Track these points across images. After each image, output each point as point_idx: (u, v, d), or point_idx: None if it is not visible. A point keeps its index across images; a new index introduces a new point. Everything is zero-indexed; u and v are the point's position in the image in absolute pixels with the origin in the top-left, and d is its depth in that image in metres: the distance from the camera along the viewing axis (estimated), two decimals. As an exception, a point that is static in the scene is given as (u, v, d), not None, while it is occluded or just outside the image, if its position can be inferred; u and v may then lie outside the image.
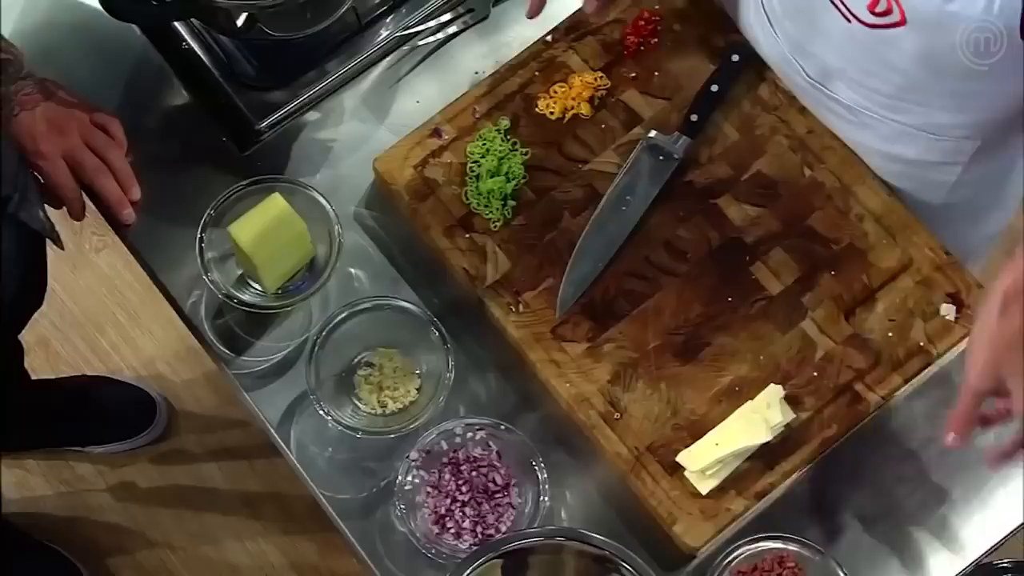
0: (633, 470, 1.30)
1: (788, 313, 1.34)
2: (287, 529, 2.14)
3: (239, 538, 2.15)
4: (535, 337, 1.34)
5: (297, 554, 2.13)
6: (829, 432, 1.30)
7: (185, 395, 2.22)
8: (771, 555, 1.26)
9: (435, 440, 1.31)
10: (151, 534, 2.15)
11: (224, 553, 2.14)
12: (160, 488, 2.18)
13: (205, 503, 2.17)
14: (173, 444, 2.20)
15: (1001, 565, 1.51)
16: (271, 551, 2.14)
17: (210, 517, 2.16)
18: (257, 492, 2.17)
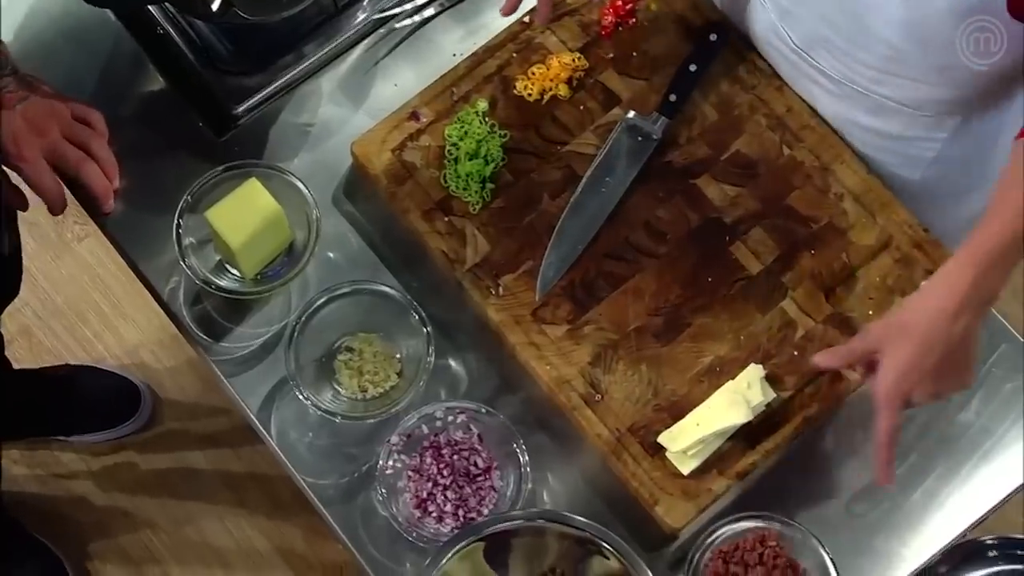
0: (614, 452, 1.29)
1: (768, 293, 1.34)
2: (272, 515, 2.14)
3: (224, 524, 2.15)
4: (515, 320, 1.33)
5: (282, 539, 2.13)
6: (810, 411, 1.30)
7: (169, 382, 2.21)
8: (752, 534, 1.26)
9: (416, 424, 1.30)
10: (135, 521, 2.14)
11: (209, 539, 2.13)
12: (144, 475, 2.17)
13: (189, 489, 2.16)
14: (157, 431, 2.19)
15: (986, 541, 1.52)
16: (256, 537, 2.13)
17: (195, 503, 2.15)
18: (241, 478, 2.16)
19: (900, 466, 1.32)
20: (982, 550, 1.53)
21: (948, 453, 1.33)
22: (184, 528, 2.14)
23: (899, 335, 1.14)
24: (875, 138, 1.37)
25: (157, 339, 2.22)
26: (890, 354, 1.14)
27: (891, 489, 1.24)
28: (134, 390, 2.15)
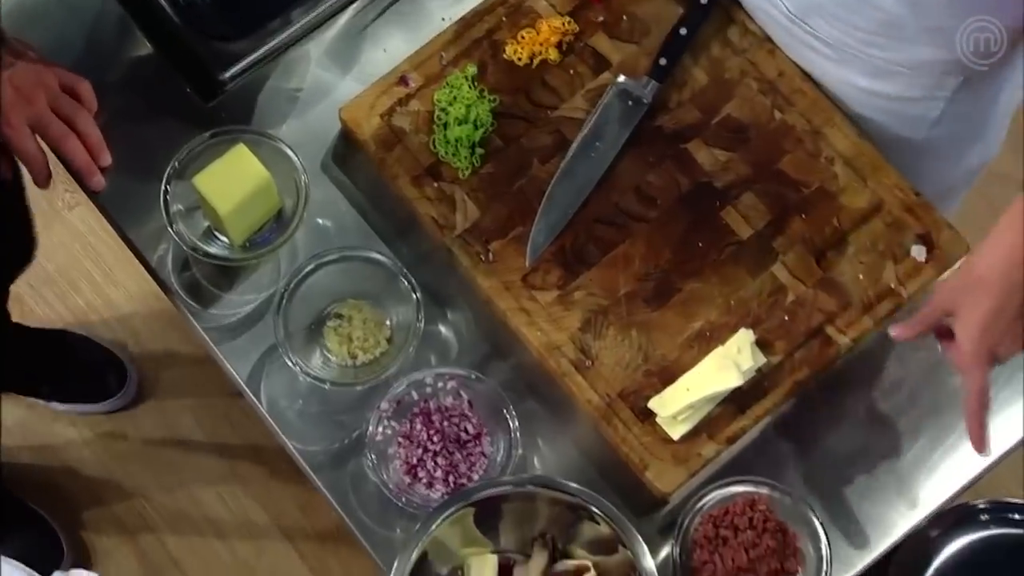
0: (605, 417, 1.29)
1: (759, 257, 1.33)
2: (266, 484, 2.14)
3: (218, 493, 2.15)
4: (505, 286, 1.33)
5: (277, 508, 2.13)
6: (800, 375, 1.30)
7: (160, 350, 2.20)
8: (742, 498, 1.26)
9: (405, 390, 1.30)
10: (129, 490, 2.15)
11: (203, 508, 2.14)
12: (137, 444, 2.17)
13: (183, 459, 2.16)
14: (149, 401, 2.19)
15: (978, 505, 1.52)
16: (251, 505, 2.14)
17: (189, 473, 2.15)
18: (235, 447, 2.16)
19: (889, 431, 1.32)
20: (974, 514, 1.53)
21: (938, 418, 1.33)
22: (178, 497, 2.15)
23: (974, 290, 1.11)
24: (875, 100, 1.36)
25: (148, 307, 2.21)
26: (967, 312, 1.11)
27: (987, 454, 1.19)
28: (121, 367, 2.15)
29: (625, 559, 1.21)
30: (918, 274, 1.32)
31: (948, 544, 1.52)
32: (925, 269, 1.32)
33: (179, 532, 2.13)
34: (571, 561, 1.27)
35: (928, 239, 1.32)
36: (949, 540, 1.52)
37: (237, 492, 2.14)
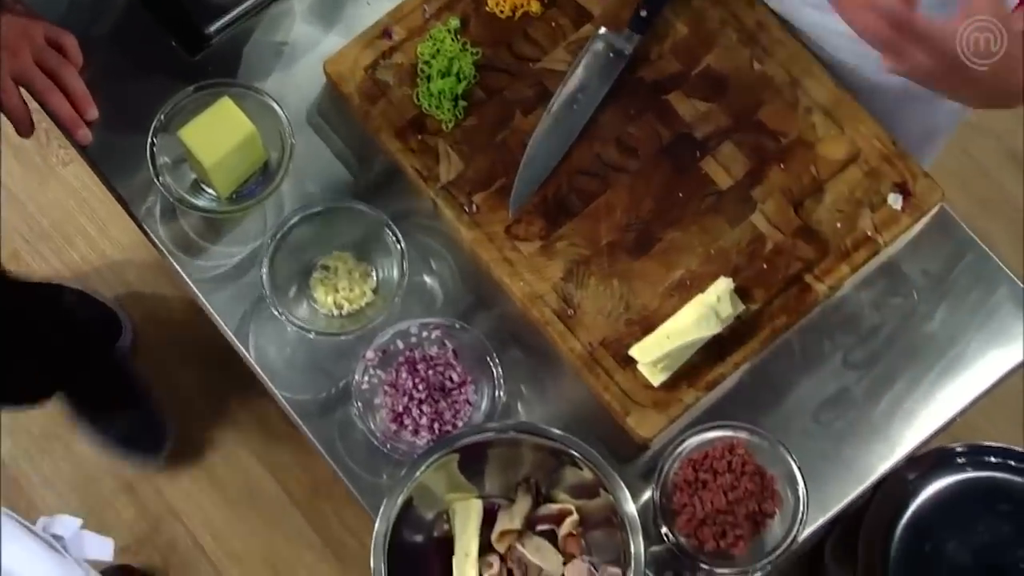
0: (587, 365, 1.30)
1: (738, 207, 1.34)
2: (260, 434, 2.16)
3: (214, 445, 2.16)
4: (488, 237, 1.33)
5: (271, 457, 2.15)
6: (778, 323, 1.30)
7: (154, 302, 2.21)
8: (721, 443, 1.27)
9: (391, 340, 1.31)
10: (127, 443, 2.16)
11: (199, 457, 2.15)
12: (135, 396, 2.19)
13: (177, 408, 2.17)
14: (144, 354, 2.20)
15: (955, 449, 1.54)
16: (245, 455, 2.15)
17: (183, 421, 2.17)
18: (228, 395, 2.17)
19: (867, 375, 1.33)
20: (950, 457, 1.54)
21: (913, 362, 1.34)
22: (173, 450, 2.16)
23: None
24: (853, 45, 1.35)
25: (143, 261, 2.22)
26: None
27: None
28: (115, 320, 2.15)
29: (606, 503, 1.23)
30: (895, 222, 1.32)
31: (925, 487, 1.53)
32: (902, 217, 1.32)
33: (175, 481, 2.14)
34: (554, 505, 1.29)
35: (905, 187, 1.33)
36: (926, 483, 1.53)
37: (232, 440, 2.16)
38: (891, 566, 1.51)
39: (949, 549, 1.50)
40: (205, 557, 2.11)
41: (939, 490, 1.53)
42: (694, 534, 1.25)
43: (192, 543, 2.11)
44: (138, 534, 2.11)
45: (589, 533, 1.28)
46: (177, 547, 2.11)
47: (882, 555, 1.52)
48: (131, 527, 2.12)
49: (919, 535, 1.51)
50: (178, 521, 2.12)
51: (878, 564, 1.53)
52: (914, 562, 1.51)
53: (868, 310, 1.35)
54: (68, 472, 2.14)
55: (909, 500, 1.52)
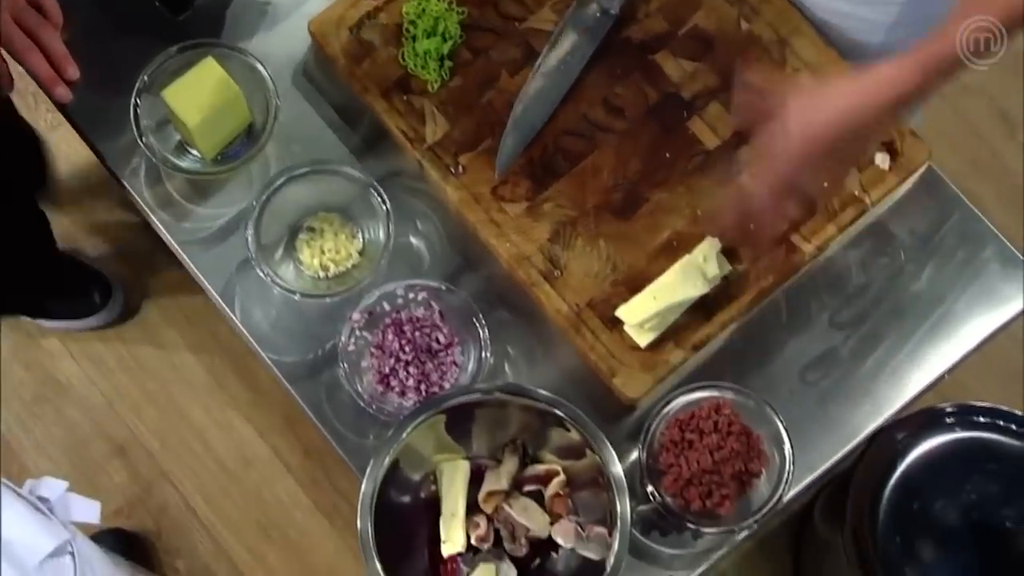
0: (573, 326, 1.30)
1: (725, 167, 1.33)
2: (252, 398, 2.15)
3: (206, 407, 2.16)
4: (475, 198, 1.33)
5: (263, 421, 2.15)
6: (765, 283, 1.30)
7: (146, 269, 2.20)
8: (707, 403, 1.27)
9: (377, 302, 1.30)
10: (117, 404, 2.16)
11: (191, 421, 2.15)
12: (125, 359, 2.18)
13: (170, 373, 2.17)
14: (135, 315, 2.20)
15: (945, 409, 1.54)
16: (237, 419, 2.15)
17: (176, 386, 2.17)
18: (221, 360, 2.17)
19: (853, 335, 1.33)
20: (939, 417, 1.54)
21: (900, 322, 1.34)
22: (166, 411, 2.16)
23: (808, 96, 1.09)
24: (835, 4, 1.35)
25: (134, 225, 2.21)
26: (789, 111, 1.09)
27: None
28: (106, 283, 2.15)
29: (593, 463, 1.23)
30: (882, 181, 1.32)
31: (914, 447, 1.53)
32: (888, 177, 1.32)
33: (168, 445, 2.14)
34: (541, 466, 1.29)
35: (892, 147, 1.32)
36: (915, 443, 1.53)
37: (224, 405, 2.16)
38: (880, 526, 1.51)
39: (937, 508, 1.51)
40: (197, 520, 2.11)
41: (928, 450, 1.53)
42: (680, 494, 1.25)
43: (184, 506, 2.12)
44: (130, 497, 2.11)
45: (576, 493, 1.28)
46: (169, 510, 2.11)
47: (870, 514, 1.53)
48: (123, 491, 2.12)
49: (908, 495, 1.52)
50: (170, 484, 2.13)
51: (866, 523, 1.53)
52: (902, 521, 1.51)
53: (855, 270, 1.34)
54: (60, 436, 2.14)
55: (898, 460, 1.52)
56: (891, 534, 1.51)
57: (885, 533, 1.51)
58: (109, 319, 2.17)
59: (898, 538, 1.51)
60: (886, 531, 1.51)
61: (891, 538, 1.51)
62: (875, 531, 1.52)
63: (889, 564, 1.51)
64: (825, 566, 1.86)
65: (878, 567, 1.51)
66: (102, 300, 2.15)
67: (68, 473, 2.10)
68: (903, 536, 1.51)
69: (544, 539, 1.27)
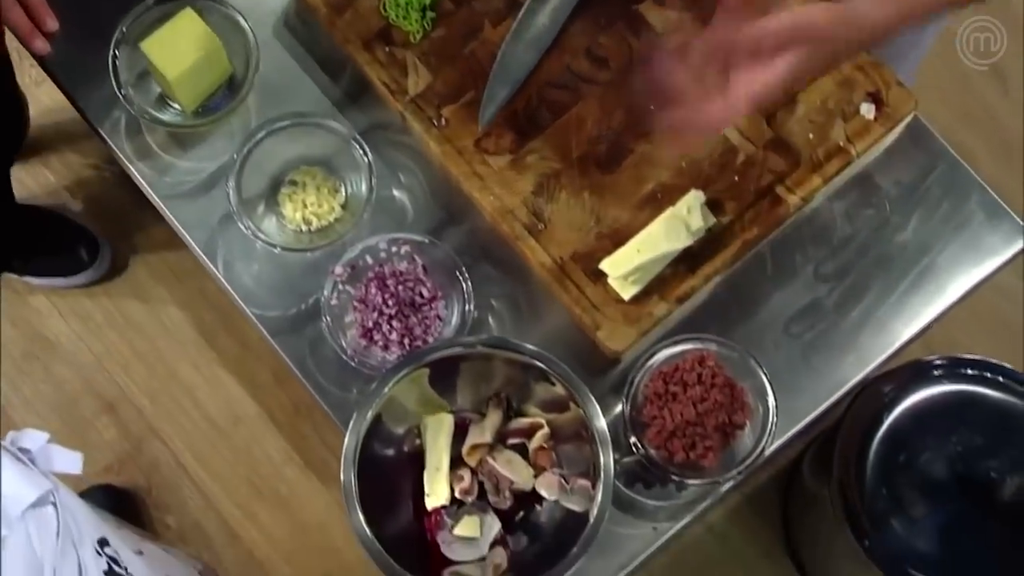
0: (557, 279, 1.29)
1: (710, 118, 1.32)
2: (240, 353, 2.15)
3: (194, 364, 2.16)
4: (458, 151, 1.32)
5: (252, 378, 2.15)
6: (749, 235, 1.30)
7: (134, 225, 2.20)
8: (691, 355, 1.27)
9: (359, 255, 1.30)
10: (106, 362, 2.16)
11: (180, 377, 2.16)
12: (113, 316, 2.18)
13: (158, 330, 2.17)
14: (123, 272, 2.19)
15: (933, 361, 1.54)
16: (226, 376, 2.15)
17: (164, 343, 2.17)
18: (209, 317, 2.17)
19: (838, 287, 1.33)
20: (927, 370, 1.55)
21: (884, 273, 1.33)
22: (155, 368, 2.16)
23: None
24: None
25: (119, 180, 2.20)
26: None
27: None
28: (93, 241, 2.14)
29: (577, 417, 1.23)
30: (867, 132, 1.31)
31: (902, 400, 1.54)
32: (874, 127, 1.31)
33: (157, 403, 2.15)
34: (525, 419, 1.29)
35: (877, 97, 1.31)
36: (903, 396, 1.54)
37: (212, 362, 2.16)
38: (866, 478, 1.52)
39: (923, 460, 1.51)
40: (187, 476, 2.12)
41: (915, 402, 1.54)
42: (664, 446, 1.25)
43: (174, 463, 2.12)
44: (120, 454, 2.12)
45: (560, 446, 1.28)
46: (159, 467, 2.12)
47: (857, 467, 1.53)
48: (113, 447, 2.12)
49: (894, 447, 1.53)
50: (160, 441, 2.13)
51: (853, 475, 1.54)
52: (889, 473, 1.52)
53: (840, 221, 1.34)
54: (49, 394, 2.15)
55: (885, 413, 1.53)
56: (877, 486, 1.52)
57: (872, 485, 1.52)
58: (97, 276, 2.16)
59: (884, 490, 1.52)
60: (873, 483, 1.52)
61: (877, 490, 1.52)
62: (862, 483, 1.53)
63: (875, 516, 1.52)
64: (812, 519, 1.88)
65: (864, 519, 1.52)
66: (89, 257, 2.14)
67: (58, 430, 2.11)
68: (889, 488, 1.52)
69: (528, 492, 1.27)
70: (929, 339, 1.37)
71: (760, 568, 2.06)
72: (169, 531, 2.09)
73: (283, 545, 2.10)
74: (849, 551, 1.56)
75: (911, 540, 1.50)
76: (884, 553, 1.51)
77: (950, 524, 1.51)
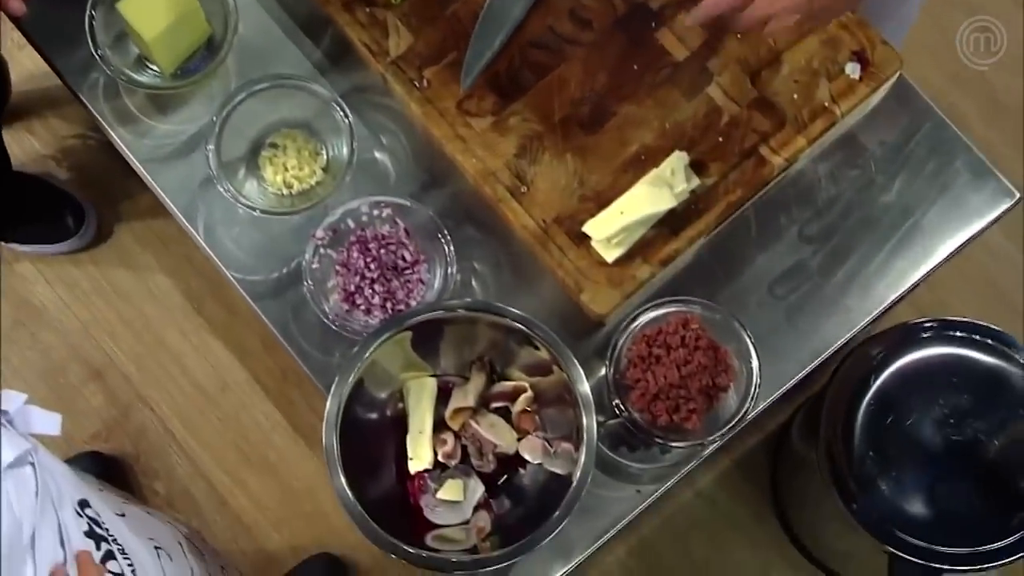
0: (540, 242, 1.29)
1: (694, 79, 1.32)
2: (228, 320, 2.15)
3: (182, 331, 2.16)
4: (440, 113, 1.31)
5: (239, 344, 2.15)
6: (734, 196, 1.29)
7: (119, 192, 2.19)
8: (675, 318, 1.26)
9: (340, 219, 1.29)
10: (93, 329, 2.16)
11: (167, 344, 2.15)
12: (100, 283, 2.18)
13: (146, 297, 2.17)
14: (109, 239, 2.19)
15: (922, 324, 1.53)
16: (213, 342, 2.15)
17: (151, 310, 2.16)
18: (196, 284, 2.17)
19: (823, 248, 1.33)
20: (915, 332, 1.54)
21: (869, 234, 1.33)
22: (142, 335, 2.16)
23: None
24: None
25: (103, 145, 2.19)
26: None
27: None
28: (78, 207, 2.14)
29: (560, 380, 1.23)
30: (852, 92, 1.30)
31: (890, 362, 1.53)
32: (859, 87, 1.30)
33: (144, 369, 2.15)
34: (508, 383, 1.29)
35: (863, 56, 1.31)
36: (891, 358, 1.53)
37: (200, 328, 2.16)
38: (855, 441, 1.52)
39: (911, 423, 1.51)
40: (175, 443, 2.12)
41: (903, 365, 1.53)
42: (647, 408, 1.25)
43: (162, 429, 2.13)
44: (107, 421, 2.12)
45: (543, 410, 1.28)
46: (147, 433, 2.12)
47: (844, 429, 1.54)
48: (100, 414, 2.13)
49: (882, 410, 1.52)
50: (147, 408, 2.13)
51: (840, 438, 1.54)
52: (876, 436, 1.52)
53: (825, 182, 1.34)
54: (36, 361, 2.15)
55: (873, 375, 1.53)
56: (865, 449, 1.52)
57: (859, 448, 1.52)
58: (83, 243, 2.16)
59: (871, 452, 1.52)
60: (860, 446, 1.52)
61: (864, 453, 1.52)
62: (849, 446, 1.53)
63: (862, 479, 1.52)
64: (800, 482, 1.88)
65: (851, 482, 1.52)
66: (75, 224, 2.14)
67: (45, 397, 2.11)
68: (876, 451, 1.52)
69: (511, 455, 1.28)
70: (918, 301, 1.37)
71: (749, 531, 2.07)
72: (157, 497, 2.10)
73: (272, 511, 2.10)
74: (836, 514, 1.57)
75: (898, 503, 1.51)
76: (871, 516, 1.52)
77: (937, 487, 1.51)
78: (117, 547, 1.14)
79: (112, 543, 1.13)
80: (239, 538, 2.09)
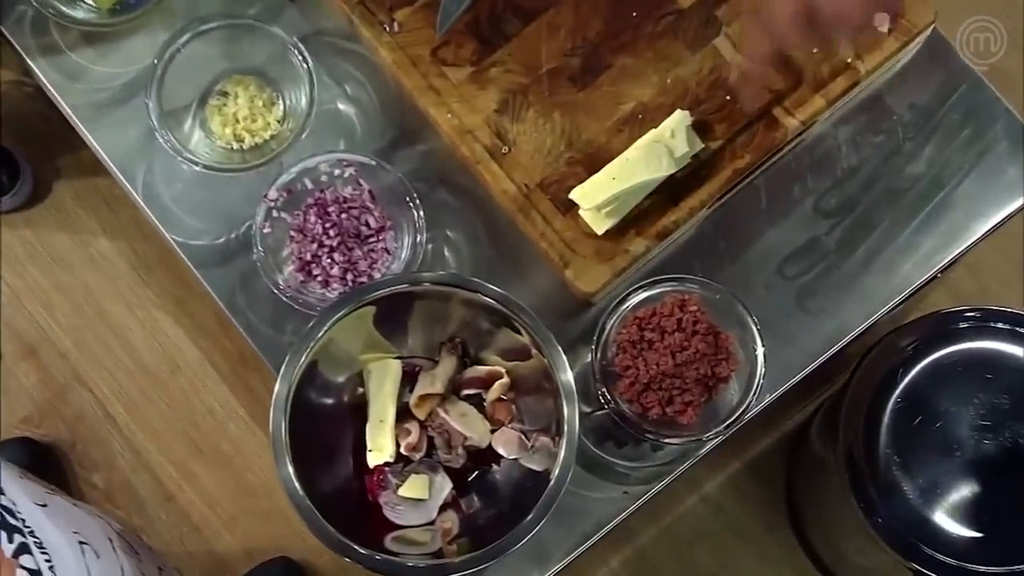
0: (522, 209, 1.29)
1: (700, 29, 1.32)
2: (180, 294, 2.16)
3: (127, 304, 2.17)
4: (412, 60, 1.32)
5: (192, 321, 2.16)
6: (741, 163, 1.29)
7: (59, 146, 2.19)
8: (671, 299, 1.27)
9: (296, 178, 1.30)
10: (27, 299, 2.17)
11: (111, 321, 2.17)
12: (35, 248, 2.19)
13: (87, 265, 2.18)
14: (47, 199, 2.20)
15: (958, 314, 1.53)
16: (163, 318, 2.17)
17: (94, 280, 2.17)
18: (145, 253, 2.18)
19: (841, 223, 1.33)
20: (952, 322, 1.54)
21: (894, 208, 1.33)
22: (83, 308, 2.17)
23: None
24: None
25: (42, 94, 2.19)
26: None
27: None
28: (13, 162, 2.14)
29: (540, 365, 1.23)
30: (878, 47, 1.30)
31: (922, 357, 1.53)
32: (887, 41, 1.30)
33: (84, 346, 2.16)
34: (482, 367, 1.29)
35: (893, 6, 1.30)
36: (923, 352, 1.53)
37: (148, 302, 2.17)
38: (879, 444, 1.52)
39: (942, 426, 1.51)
40: (117, 430, 2.13)
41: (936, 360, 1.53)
42: (637, 400, 1.25)
43: (103, 415, 2.14)
44: (40, 403, 2.14)
45: (520, 398, 1.29)
46: (85, 418, 2.14)
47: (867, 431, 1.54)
48: (33, 396, 2.14)
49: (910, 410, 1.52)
50: (86, 390, 2.15)
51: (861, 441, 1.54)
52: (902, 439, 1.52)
53: (845, 149, 1.34)
54: (-37, 337, 2.16)
55: (901, 370, 1.53)
56: (890, 453, 1.52)
57: (883, 452, 1.52)
58: (16, 203, 2.17)
59: (897, 457, 1.52)
60: (884, 450, 1.52)
61: (890, 457, 1.52)
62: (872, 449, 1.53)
63: (886, 486, 1.52)
64: (817, 489, 1.89)
65: (873, 489, 1.53)
66: (8, 181, 2.14)
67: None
68: (902, 454, 1.52)
69: (483, 448, 1.28)
70: (957, 288, 1.37)
71: (759, 542, 2.08)
72: (95, 491, 2.11)
73: (224, 508, 2.12)
74: (856, 525, 1.57)
75: (926, 514, 1.51)
76: (894, 528, 1.52)
77: (971, 497, 1.51)
78: (34, 540, 1.15)
79: (28, 535, 1.14)
80: (186, 538, 2.11)
